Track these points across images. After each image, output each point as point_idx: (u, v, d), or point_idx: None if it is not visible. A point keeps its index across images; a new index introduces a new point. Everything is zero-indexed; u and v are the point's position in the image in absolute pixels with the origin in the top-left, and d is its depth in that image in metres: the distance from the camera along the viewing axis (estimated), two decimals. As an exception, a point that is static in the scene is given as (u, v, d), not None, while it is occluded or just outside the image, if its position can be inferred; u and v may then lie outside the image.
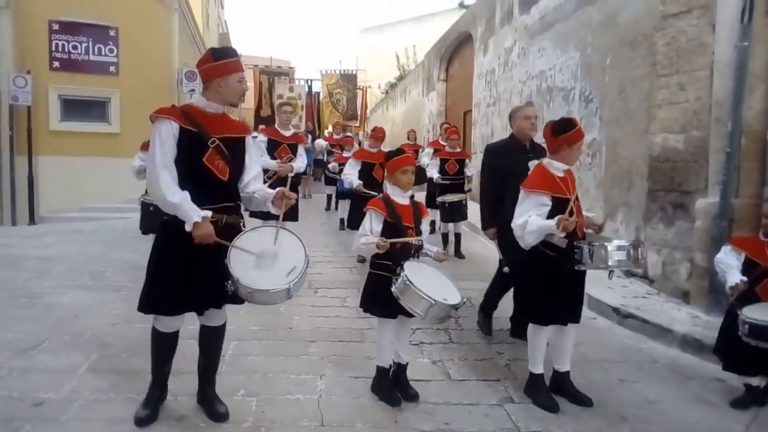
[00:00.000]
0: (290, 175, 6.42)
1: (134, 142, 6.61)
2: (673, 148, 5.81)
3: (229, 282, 2.86)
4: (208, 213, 2.90)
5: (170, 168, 2.90)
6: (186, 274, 2.97)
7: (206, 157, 2.97)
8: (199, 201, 2.90)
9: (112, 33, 12.02)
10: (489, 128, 12.94)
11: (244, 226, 3.15)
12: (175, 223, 2.90)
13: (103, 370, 3.90)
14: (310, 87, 22.76)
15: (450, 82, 18.14)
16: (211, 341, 3.33)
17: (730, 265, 3.71)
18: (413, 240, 3.49)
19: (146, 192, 6.40)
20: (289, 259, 3.00)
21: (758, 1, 5.00)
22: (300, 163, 6.80)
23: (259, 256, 2.97)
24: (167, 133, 2.91)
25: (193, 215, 2.85)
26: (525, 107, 4.76)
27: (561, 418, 3.46)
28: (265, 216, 5.38)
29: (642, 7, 6.50)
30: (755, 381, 3.72)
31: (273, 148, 6.62)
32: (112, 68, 12.09)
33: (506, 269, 4.52)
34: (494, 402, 3.65)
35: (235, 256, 2.90)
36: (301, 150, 6.91)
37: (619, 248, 3.38)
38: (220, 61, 3.04)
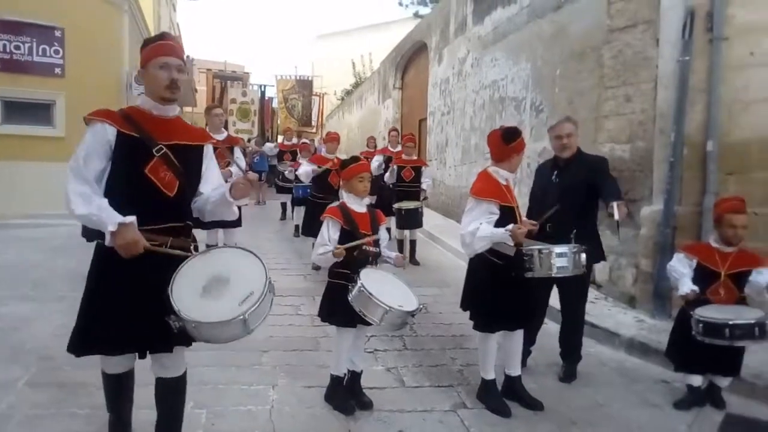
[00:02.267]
0: (229, 180, 6.34)
1: (80, 146, 6.39)
2: (619, 157, 6.00)
3: (173, 317, 2.35)
4: (130, 218, 2.38)
5: (86, 177, 2.43)
6: (124, 304, 2.46)
7: (149, 167, 2.50)
8: (139, 220, 2.41)
9: (57, 33, 11.60)
10: (444, 136, 13.09)
11: (195, 251, 2.64)
12: (109, 246, 2.43)
13: (44, 383, 3.74)
14: (263, 92, 22.59)
15: (406, 90, 18.29)
16: (171, 397, 2.77)
17: (682, 273, 3.83)
18: (369, 242, 3.47)
19: None
20: (243, 284, 2.48)
21: (698, 18, 5.24)
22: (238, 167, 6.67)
23: (209, 279, 2.48)
24: (97, 138, 2.47)
25: (107, 223, 2.34)
26: (557, 125, 4.34)
27: (512, 423, 3.51)
28: (209, 225, 5.12)
29: (590, 21, 6.71)
30: (697, 381, 3.87)
31: None
32: (57, 70, 11.67)
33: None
34: (448, 408, 3.67)
35: (179, 286, 2.41)
36: (237, 153, 6.76)
37: (561, 255, 3.47)
38: (142, 51, 2.61)
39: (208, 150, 2.81)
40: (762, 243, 4.80)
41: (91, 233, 5.97)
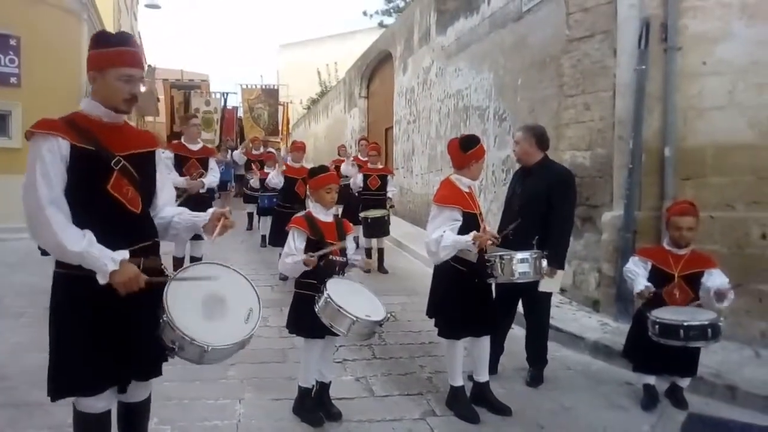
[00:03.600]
0: (201, 191, 6.25)
1: (37, 158, 6.21)
2: (580, 164, 6.13)
3: (175, 344, 2.21)
4: (124, 253, 2.20)
5: (60, 203, 2.16)
6: (104, 338, 2.25)
7: (111, 183, 2.24)
8: (107, 245, 2.19)
9: (12, 42, 11.28)
10: (410, 145, 13.17)
11: (165, 269, 2.46)
12: (76, 276, 2.19)
13: (0, 404, 3.60)
14: (225, 100, 22.29)
15: (371, 99, 18.36)
16: (138, 420, 2.59)
17: (637, 273, 3.95)
18: (336, 250, 3.46)
19: None
20: (239, 301, 2.43)
21: (653, 28, 5.40)
22: (212, 177, 6.53)
23: (205, 300, 2.35)
24: (53, 155, 2.14)
25: (107, 263, 2.14)
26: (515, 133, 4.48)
27: (481, 429, 3.53)
28: None
29: (550, 31, 6.85)
30: (651, 380, 3.99)
31: (181, 163, 6.26)
32: (13, 79, 11.34)
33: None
34: (417, 416, 3.67)
35: (176, 311, 2.22)
36: (212, 164, 6.68)
37: (523, 261, 3.54)
38: (98, 50, 2.29)
39: (159, 156, 2.56)
40: (718, 245, 4.98)
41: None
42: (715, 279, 3.75)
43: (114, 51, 2.28)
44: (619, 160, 5.67)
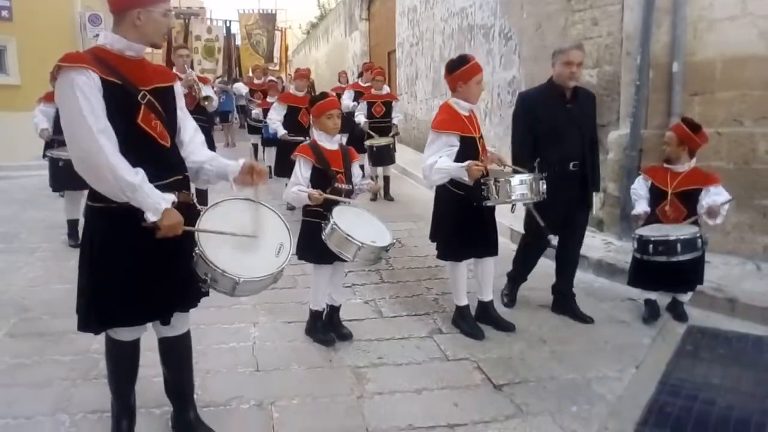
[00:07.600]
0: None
1: (38, 94, 6.15)
2: (587, 82, 5.99)
3: (208, 276, 2.27)
4: (174, 197, 2.24)
5: (108, 133, 2.11)
6: (144, 273, 2.27)
7: (140, 117, 2.22)
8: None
9: (0, -27, 10.95)
10: (413, 68, 12.89)
11: (196, 205, 2.44)
12: (117, 209, 2.17)
13: (24, 334, 3.76)
14: (228, 28, 21.73)
15: (373, 21, 17.79)
16: (180, 355, 2.61)
17: (640, 195, 4.01)
18: (343, 186, 3.51)
19: (47, 146, 5.91)
20: (269, 235, 2.48)
21: (664, -65, 5.14)
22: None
23: (235, 237, 2.39)
24: (89, 86, 2.08)
25: (160, 201, 2.16)
26: (568, 50, 3.91)
27: (486, 344, 3.66)
28: None
29: (557, -58, 6.53)
30: (653, 295, 4.08)
31: None
32: (4, 12, 11.08)
33: (553, 241, 3.77)
34: (424, 334, 3.81)
35: (207, 243, 2.28)
36: (208, 90, 6.70)
37: (522, 182, 3.51)
38: None
39: (178, 89, 2.52)
40: (724, 162, 4.96)
41: (61, 184, 5.89)
42: (712, 196, 3.74)
43: None
44: (627, 77, 5.55)
